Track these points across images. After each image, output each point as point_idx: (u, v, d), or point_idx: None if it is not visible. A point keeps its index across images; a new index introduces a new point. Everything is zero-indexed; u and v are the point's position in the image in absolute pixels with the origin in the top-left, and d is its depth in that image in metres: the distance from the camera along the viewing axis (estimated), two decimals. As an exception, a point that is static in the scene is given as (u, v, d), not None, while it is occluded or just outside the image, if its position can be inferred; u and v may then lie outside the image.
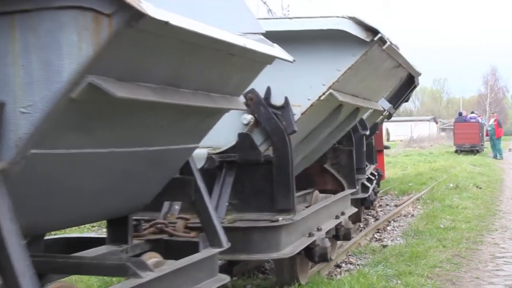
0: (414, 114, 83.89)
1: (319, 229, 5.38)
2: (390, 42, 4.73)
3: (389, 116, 12.97)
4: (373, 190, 10.49)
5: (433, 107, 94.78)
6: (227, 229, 3.98)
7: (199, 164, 4.47)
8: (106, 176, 3.08)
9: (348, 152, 7.36)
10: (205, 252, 3.58)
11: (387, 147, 17.62)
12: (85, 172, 2.90)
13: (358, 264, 7.07)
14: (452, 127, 35.55)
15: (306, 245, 4.93)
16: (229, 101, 3.47)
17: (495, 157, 29.66)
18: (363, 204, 9.77)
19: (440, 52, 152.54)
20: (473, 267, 6.98)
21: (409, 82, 11.75)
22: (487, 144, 33.90)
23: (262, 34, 3.65)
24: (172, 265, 3.29)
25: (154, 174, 3.43)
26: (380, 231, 9.53)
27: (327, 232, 5.68)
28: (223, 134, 4.64)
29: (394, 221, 10.51)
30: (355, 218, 9.21)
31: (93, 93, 2.46)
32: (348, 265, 7.11)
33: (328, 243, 5.30)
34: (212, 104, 3.26)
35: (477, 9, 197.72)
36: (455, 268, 6.84)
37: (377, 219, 10.57)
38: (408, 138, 43.29)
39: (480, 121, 32.92)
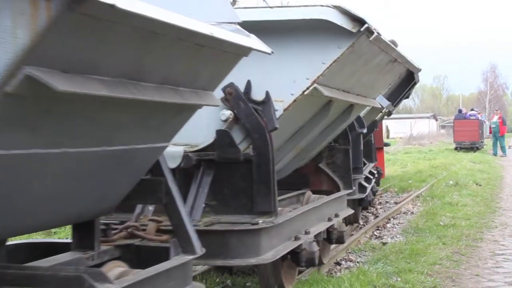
0: (414, 111, 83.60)
1: (307, 232, 5.00)
2: (378, 33, 4.34)
3: (389, 114, 12.63)
4: (371, 189, 10.17)
5: (432, 104, 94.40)
6: (202, 233, 3.65)
7: (175, 162, 4.15)
8: (62, 179, 2.74)
9: (344, 151, 6.96)
10: (176, 260, 3.24)
11: (387, 145, 17.26)
12: (35, 174, 2.57)
13: (357, 262, 6.97)
14: (452, 124, 35.22)
15: (290, 249, 4.56)
16: (200, 97, 3.13)
17: (495, 154, 29.30)
18: (361, 204, 9.39)
19: (440, 50, 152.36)
20: (473, 264, 6.90)
21: (409, 79, 11.36)
22: (486, 141, 33.54)
23: (239, 24, 3.33)
24: (138, 275, 2.96)
25: (118, 176, 3.09)
26: (379, 228, 9.43)
27: (316, 236, 5.30)
28: (201, 130, 4.30)
29: (393, 218, 10.40)
30: (353, 219, 8.95)
31: (33, 87, 2.13)
32: (348, 262, 7.01)
33: (315, 247, 4.93)
34: (180, 99, 2.92)
35: (477, 7, 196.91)
36: (455, 265, 6.75)
37: (377, 217, 10.42)
38: (408, 135, 43.01)
39: (480, 118, 32.60)
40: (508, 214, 10.91)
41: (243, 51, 3.22)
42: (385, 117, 13.06)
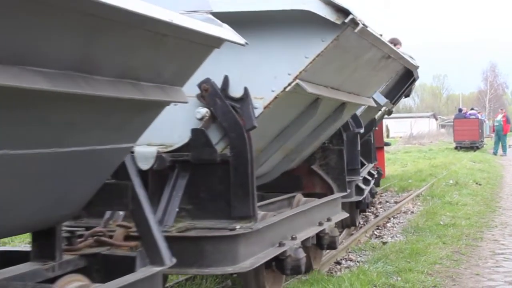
0: (414, 110, 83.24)
1: (293, 238, 4.64)
2: (363, 25, 3.94)
3: (389, 112, 12.24)
4: (370, 191, 9.82)
5: (432, 104, 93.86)
6: (175, 239, 3.32)
7: (148, 163, 3.82)
8: (9, 183, 2.42)
9: (338, 151, 6.52)
10: (142, 272, 2.91)
11: (387, 144, 16.82)
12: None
13: (358, 261, 6.87)
14: (452, 123, 34.86)
15: (272, 256, 4.20)
16: (166, 92, 2.79)
17: (495, 153, 28.90)
18: (358, 207, 8.99)
19: (440, 49, 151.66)
20: (473, 263, 6.81)
21: (408, 75, 10.94)
22: (486, 141, 33.16)
23: (212, 13, 3.01)
24: (97, 289, 2.64)
25: (76, 180, 2.75)
26: (380, 228, 9.28)
27: (304, 241, 4.95)
28: (176, 129, 3.95)
29: (394, 218, 10.24)
30: (350, 222, 8.62)
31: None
32: (348, 262, 6.90)
33: (301, 254, 4.55)
34: (140, 95, 2.58)
35: (477, 7, 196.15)
36: (455, 264, 6.67)
37: (377, 216, 10.24)
38: (408, 134, 42.69)
39: (480, 117, 32.24)
40: (508, 214, 10.74)
41: (213, 42, 2.88)
42: (386, 115, 12.67)
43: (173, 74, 2.84)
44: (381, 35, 5.40)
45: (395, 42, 11.38)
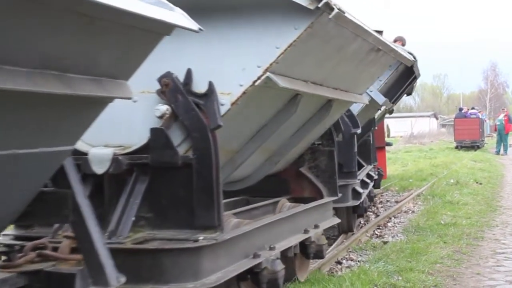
0: (414, 110, 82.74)
1: (271, 248, 4.16)
2: (339, 9, 3.38)
3: (390, 111, 11.77)
4: (369, 194, 9.37)
5: (433, 103, 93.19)
6: (130, 252, 2.88)
7: (103, 167, 3.37)
8: None
9: (329, 153, 5.99)
10: (83, 295, 2.47)
11: (389, 144, 16.31)
12: None
13: (358, 261, 6.79)
14: (453, 123, 34.46)
15: (244, 270, 3.71)
16: (103, 86, 2.34)
17: (497, 152, 28.41)
18: (356, 212, 8.51)
19: (440, 49, 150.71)
20: (474, 263, 6.74)
21: (408, 73, 10.45)
22: (487, 140, 32.75)
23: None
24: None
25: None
26: (380, 227, 9.18)
27: (285, 251, 4.48)
28: (136, 129, 3.50)
29: (394, 217, 10.13)
30: (347, 228, 8.20)
31: None
32: (349, 261, 6.81)
33: (279, 266, 4.08)
34: (66, 90, 2.13)
35: (477, 7, 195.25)
36: (456, 264, 6.59)
37: (378, 216, 10.10)
38: (409, 134, 42.39)
39: (480, 116, 31.85)
40: (509, 213, 10.53)
41: (160, 27, 2.44)
42: (387, 115, 12.19)
43: (112, 65, 2.39)
44: (381, 31, 4.91)
45: (398, 39, 10.93)
